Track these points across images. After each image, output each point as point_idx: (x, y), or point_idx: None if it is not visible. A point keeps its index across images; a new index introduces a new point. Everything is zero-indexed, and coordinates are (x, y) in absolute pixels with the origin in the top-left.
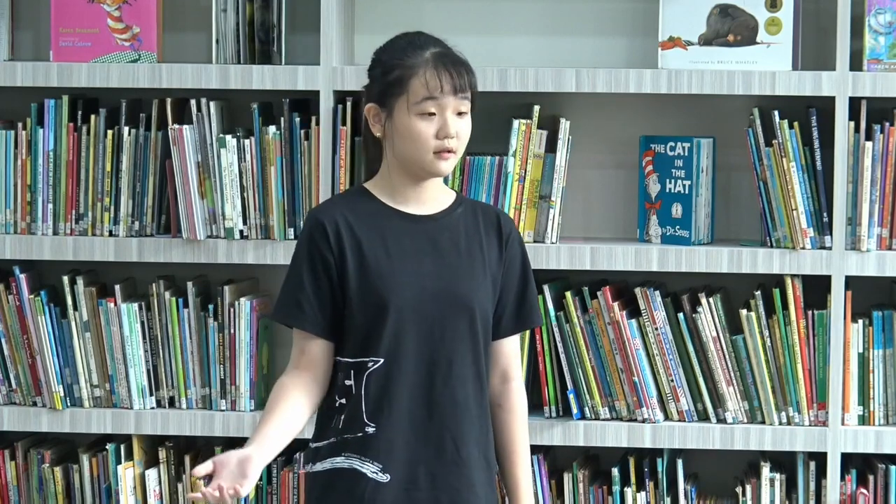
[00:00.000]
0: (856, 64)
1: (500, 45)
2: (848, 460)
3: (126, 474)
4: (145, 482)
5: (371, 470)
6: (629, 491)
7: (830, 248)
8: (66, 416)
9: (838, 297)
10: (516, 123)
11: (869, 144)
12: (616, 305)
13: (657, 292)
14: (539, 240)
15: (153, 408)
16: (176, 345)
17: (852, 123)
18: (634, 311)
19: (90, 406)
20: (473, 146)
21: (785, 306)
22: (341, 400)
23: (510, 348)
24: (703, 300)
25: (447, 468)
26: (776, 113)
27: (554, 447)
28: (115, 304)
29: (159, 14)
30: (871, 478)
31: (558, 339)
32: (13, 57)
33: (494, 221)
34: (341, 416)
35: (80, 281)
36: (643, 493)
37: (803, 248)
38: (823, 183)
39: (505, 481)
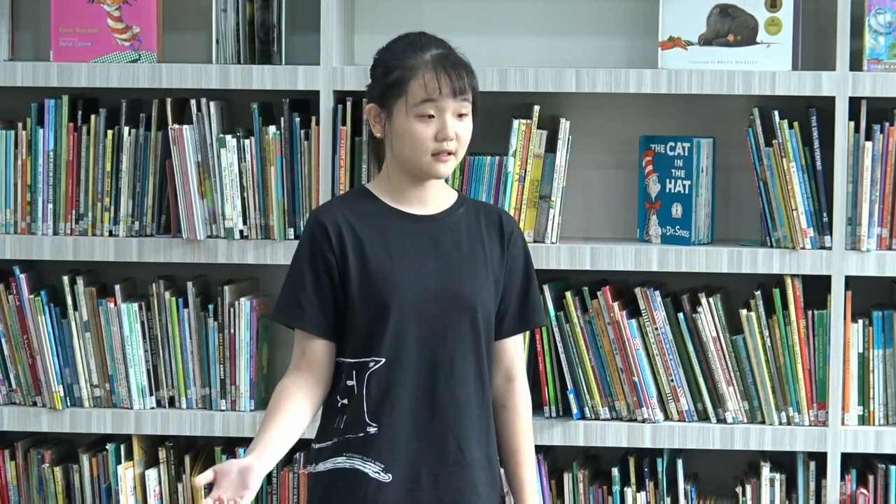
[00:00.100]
0: (856, 64)
1: (500, 45)
2: (848, 460)
3: (126, 474)
4: (145, 482)
5: (373, 470)
6: (629, 491)
7: (830, 248)
8: (66, 416)
9: (838, 297)
10: (516, 123)
11: (869, 144)
12: (616, 305)
13: (657, 292)
14: (539, 240)
15: (153, 408)
16: (176, 345)
17: (852, 123)
18: (634, 311)
19: (90, 406)
20: (473, 146)
21: (785, 306)
22: (343, 400)
23: (513, 348)
24: (703, 300)
25: (450, 468)
26: (776, 113)
27: (554, 447)
28: (115, 304)
29: (159, 14)
30: (871, 478)
31: (558, 339)
32: (13, 57)
33: (496, 221)
34: (343, 417)
35: (80, 281)
36: (643, 493)
37: (803, 248)
38: (823, 183)
39: (510, 482)
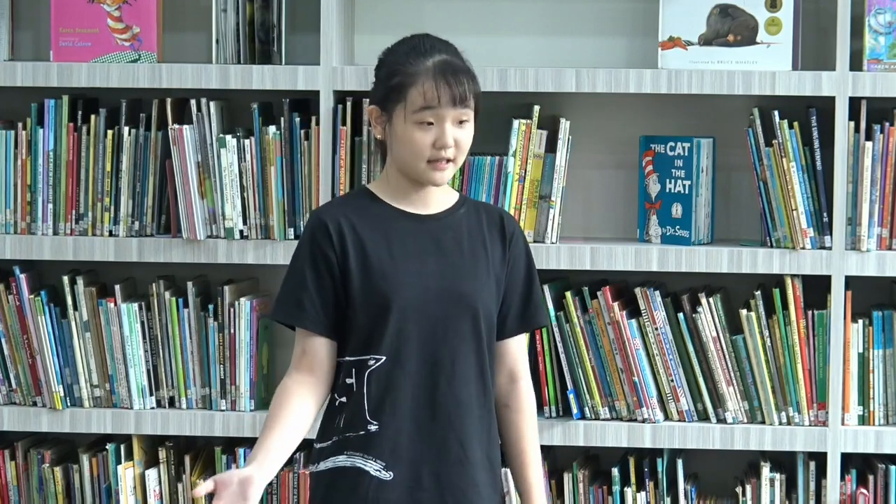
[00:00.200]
0: (856, 64)
1: (500, 45)
2: (848, 460)
3: (126, 474)
4: (145, 482)
5: (374, 468)
6: (629, 491)
7: (830, 248)
8: (66, 416)
9: (838, 297)
10: (516, 123)
11: (869, 144)
12: (616, 305)
13: (657, 292)
14: (539, 240)
15: (153, 408)
16: (176, 345)
17: (852, 123)
18: (634, 311)
19: (90, 406)
20: (473, 146)
21: (785, 306)
22: (342, 399)
23: (516, 348)
24: (703, 300)
25: (452, 468)
26: (776, 113)
27: (554, 447)
28: (115, 304)
29: (159, 14)
30: (871, 478)
31: (558, 339)
32: (13, 57)
33: (498, 221)
34: (343, 415)
35: (80, 281)
36: (643, 493)
37: (803, 248)
38: (823, 183)
39: (516, 482)
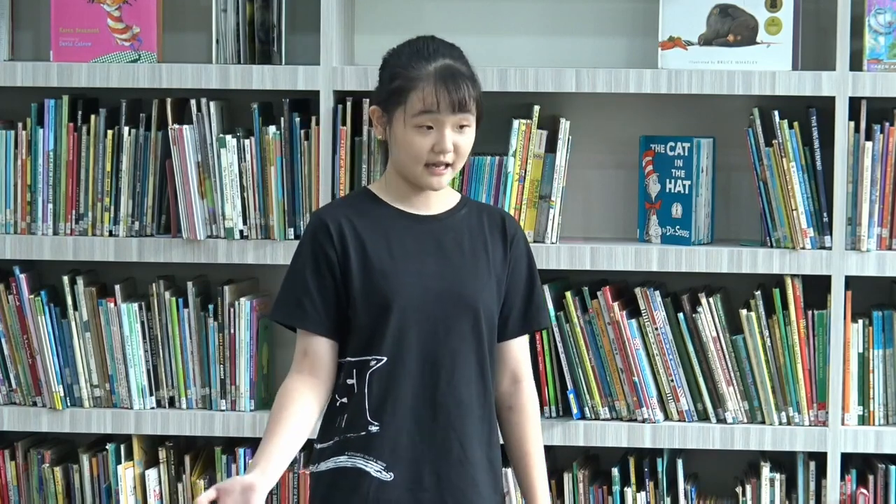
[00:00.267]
0: (856, 64)
1: (500, 45)
2: (848, 460)
3: (126, 474)
4: (145, 482)
5: (374, 468)
6: (629, 491)
7: (830, 248)
8: (66, 416)
9: (838, 297)
10: (516, 123)
11: (869, 144)
12: (616, 305)
13: (657, 292)
14: (539, 240)
15: (153, 408)
16: (176, 345)
17: (852, 123)
18: (634, 311)
19: (90, 406)
20: (473, 146)
21: (785, 306)
22: (342, 399)
23: (518, 349)
24: (703, 300)
25: (452, 469)
26: (776, 113)
27: (554, 447)
28: (115, 304)
29: (159, 14)
30: (871, 478)
31: (558, 339)
32: (13, 57)
33: (499, 223)
34: (344, 416)
35: (80, 281)
36: (643, 493)
37: (803, 248)
38: (823, 183)
39: (520, 483)
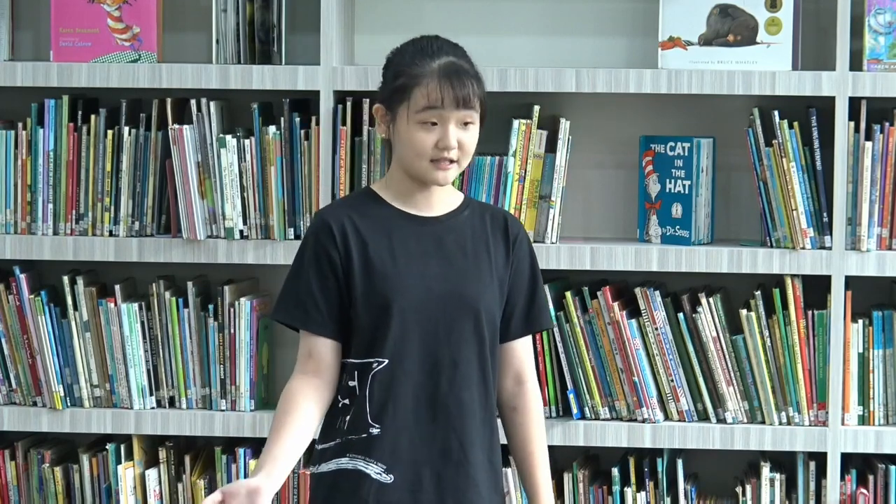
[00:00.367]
0: (856, 64)
1: (500, 45)
2: (848, 460)
3: (126, 474)
4: (145, 482)
5: (375, 471)
6: (629, 491)
7: (830, 248)
8: (66, 416)
9: (838, 297)
10: (516, 123)
11: (869, 144)
12: (616, 305)
13: (657, 292)
14: (539, 240)
15: (153, 408)
16: (176, 345)
17: (852, 123)
18: (634, 311)
19: (90, 406)
20: None
21: (785, 306)
22: (344, 401)
23: (522, 350)
24: (703, 300)
25: (452, 470)
26: (776, 113)
27: (554, 447)
28: (115, 304)
29: (159, 14)
30: (871, 478)
31: (558, 339)
32: (13, 57)
33: (502, 224)
34: (346, 418)
35: (80, 281)
36: (643, 493)
37: (803, 248)
38: (823, 183)
39: (524, 484)
